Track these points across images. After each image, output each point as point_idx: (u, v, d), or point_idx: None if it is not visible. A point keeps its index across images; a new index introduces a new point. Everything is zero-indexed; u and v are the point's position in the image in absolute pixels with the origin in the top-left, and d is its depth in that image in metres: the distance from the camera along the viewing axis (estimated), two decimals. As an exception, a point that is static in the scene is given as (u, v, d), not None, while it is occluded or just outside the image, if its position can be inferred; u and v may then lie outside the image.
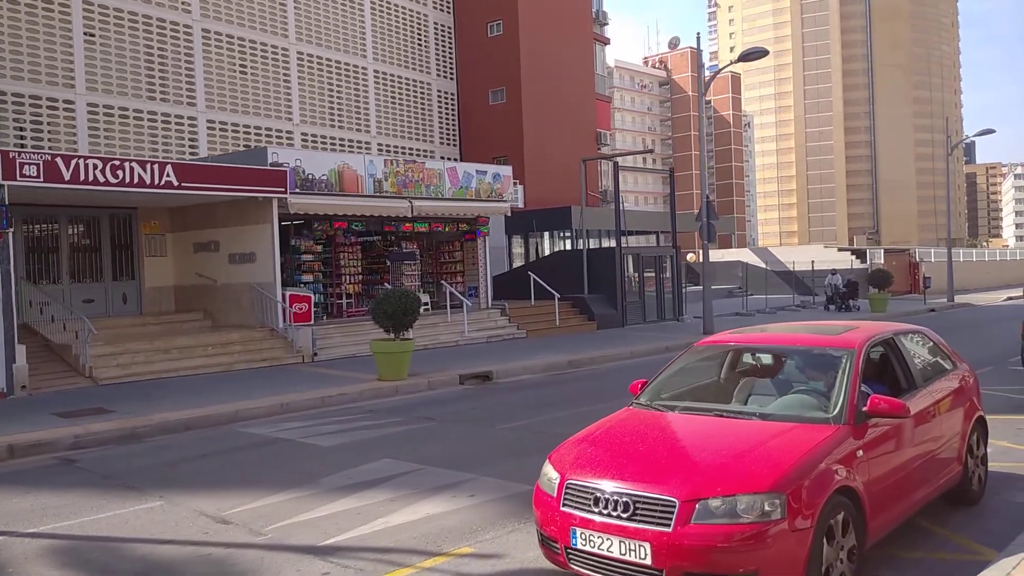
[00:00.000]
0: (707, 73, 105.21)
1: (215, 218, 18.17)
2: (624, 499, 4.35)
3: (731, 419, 5.06)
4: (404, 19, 31.26)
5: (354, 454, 8.84)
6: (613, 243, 37.28)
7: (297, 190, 17.38)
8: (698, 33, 22.24)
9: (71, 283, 17.74)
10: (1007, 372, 13.67)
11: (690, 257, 45.20)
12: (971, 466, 6.19)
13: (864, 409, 4.93)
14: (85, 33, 21.51)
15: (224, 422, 11.22)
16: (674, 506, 4.19)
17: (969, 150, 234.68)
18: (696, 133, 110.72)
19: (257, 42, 25.81)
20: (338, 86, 28.53)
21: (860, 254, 39.84)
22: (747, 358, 6.14)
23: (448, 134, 33.06)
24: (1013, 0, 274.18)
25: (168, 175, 15.07)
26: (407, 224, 20.60)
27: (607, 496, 4.42)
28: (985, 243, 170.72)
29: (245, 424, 11.06)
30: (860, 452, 4.73)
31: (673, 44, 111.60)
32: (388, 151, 29.89)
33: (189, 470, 8.54)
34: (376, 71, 29.90)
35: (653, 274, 26.51)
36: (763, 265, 39.55)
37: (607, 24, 38.76)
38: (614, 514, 4.36)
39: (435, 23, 32.57)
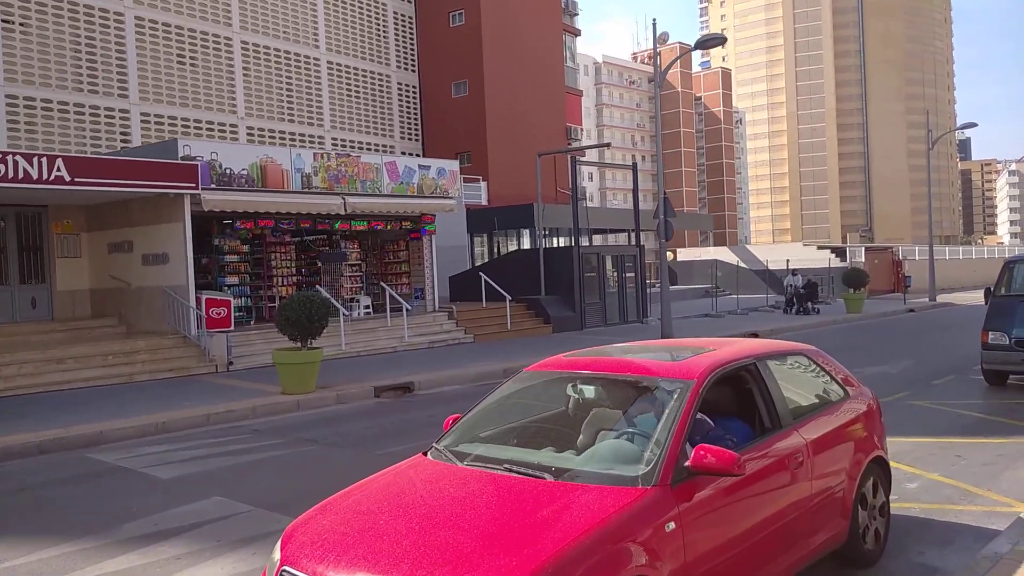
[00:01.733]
0: (698, 69, 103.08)
1: (130, 217, 16.95)
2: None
3: (518, 478, 3.86)
4: (360, 8, 30.03)
5: (187, 489, 7.64)
6: (584, 242, 36.15)
7: (213, 186, 16.16)
8: (654, 19, 21.00)
9: (-27, 287, 16.54)
10: (967, 382, 12.50)
11: (669, 256, 44.13)
12: (863, 520, 4.99)
13: (687, 464, 3.75)
14: (3, 21, 20.27)
15: (83, 445, 10.00)
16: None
17: (964, 146, 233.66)
18: (686, 130, 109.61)
19: (196, 31, 24.57)
20: (288, 78, 27.31)
21: (840, 252, 38.66)
22: (570, 390, 4.94)
23: (410, 129, 31.85)
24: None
25: (59, 170, 13.85)
26: (344, 222, 19.38)
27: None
28: (980, 240, 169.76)
29: (104, 448, 9.85)
30: (672, 525, 3.54)
31: (662, 40, 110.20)
32: (344, 146, 28.69)
33: (-12, 510, 7.34)
34: (330, 62, 28.67)
35: (616, 274, 25.33)
36: (742, 264, 38.37)
37: (577, 15, 37.60)
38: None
39: (395, 12, 31.34)
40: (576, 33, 37.17)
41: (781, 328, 23.22)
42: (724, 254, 41.15)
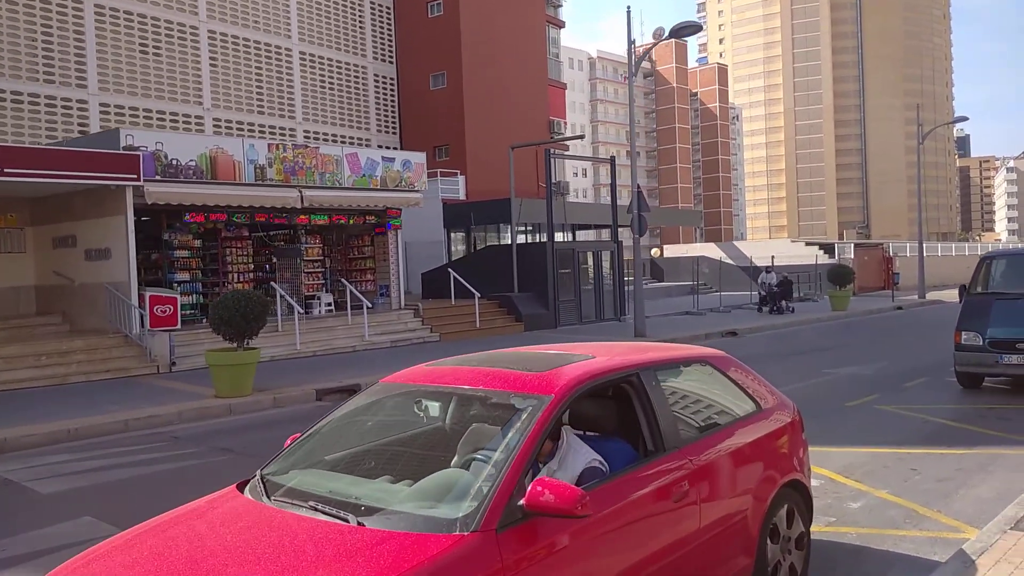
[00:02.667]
0: (694, 64, 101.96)
1: (73, 210, 16.23)
2: None
3: (314, 521, 3.13)
4: (335, -2, 29.28)
5: (61, 507, 6.92)
6: (568, 237, 35.42)
7: (158, 177, 15.42)
8: (628, 7, 20.26)
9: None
10: (940, 385, 11.79)
11: (654, 252, 43.37)
12: (773, 556, 4.27)
13: (521, 503, 3.03)
14: (-49, 7, 19.54)
15: (-17, 453, 9.29)
16: None
17: (963, 144, 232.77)
18: (681, 125, 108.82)
19: (161, 19, 23.81)
20: (258, 68, 26.55)
21: (829, 248, 37.93)
22: (416, 407, 4.22)
23: (387, 121, 31.10)
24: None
25: (-13, 160, 13.12)
26: (303, 216, 18.65)
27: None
28: (978, 237, 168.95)
29: (3, 457, 9.14)
30: (489, 587, 2.82)
31: (657, 35, 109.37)
32: (317, 139, 27.94)
33: None
34: (303, 53, 27.91)
35: (593, 270, 24.62)
36: (728, 260, 37.63)
37: (561, 6, 36.81)
38: None
39: (372, 2, 30.57)
40: (560, 25, 36.40)
41: (760, 327, 22.51)
42: (711, 250, 40.42)
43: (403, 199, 19.67)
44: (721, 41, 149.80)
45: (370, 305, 18.62)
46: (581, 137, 27.15)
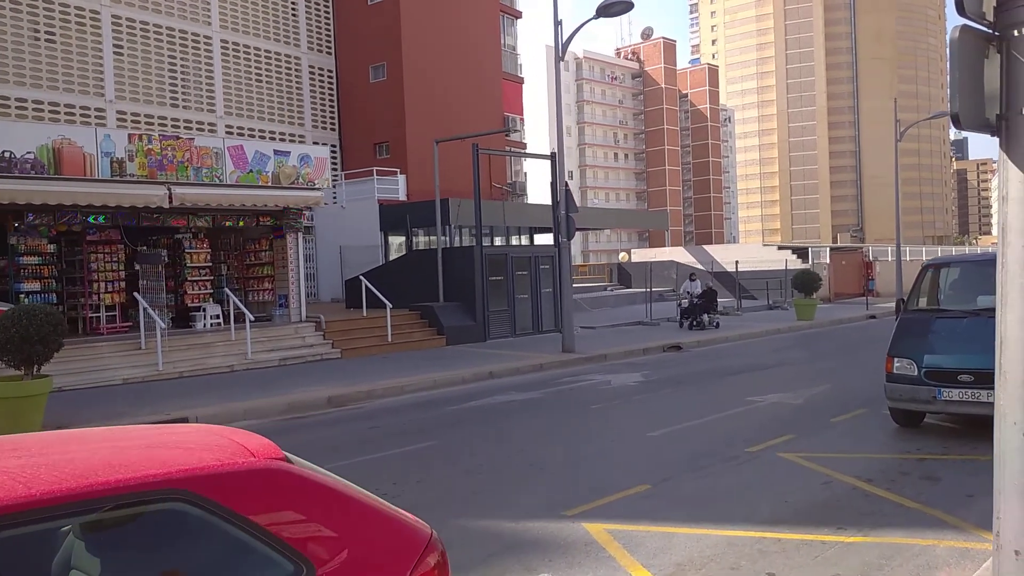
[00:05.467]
0: (686, 65, 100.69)
1: None
2: None
3: None
4: (263, -17, 27.19)
5: None
6: (525, 241, 33.28)
7: (-16, 172, 13.32)
8: (553, -18, 18.11)
9: None
10: (873, 421, 9.62)
11: (622, 256, 41.28)
12: None
13: None
14: None
15: None
16: None
17: (961, 146, 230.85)
18: (670, 127, 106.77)
19: (55, 3, 21.70)
20: (171, 58, 24.43)
21: (803, 252, 35.80)
22: None
23: (324, 117, 28.99)
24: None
25: None
26: (179, 217, 16.51)
27: None
28: (974, 240, 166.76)
29: None
30: None
31: (646, 34, 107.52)
32: (243, 135, 25.81)
33: None
34: (225, 41, 25.79)
35: (530, 278, 22.46)
36: (699, 265, 35.49)
37: (517, -6, 34.69)
38: None
39: (306, -11, 28.52)
40: (516, 15, 34.29)
41: (711, 339, 20.36)
42: (680, 255, 38.31)
43: (300, 198, 17.52)
44: (714, 42, 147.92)
45: (253, 317, 16.45)
46: (507, 131, 24.97)
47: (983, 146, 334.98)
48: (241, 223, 17.59)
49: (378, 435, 10.25)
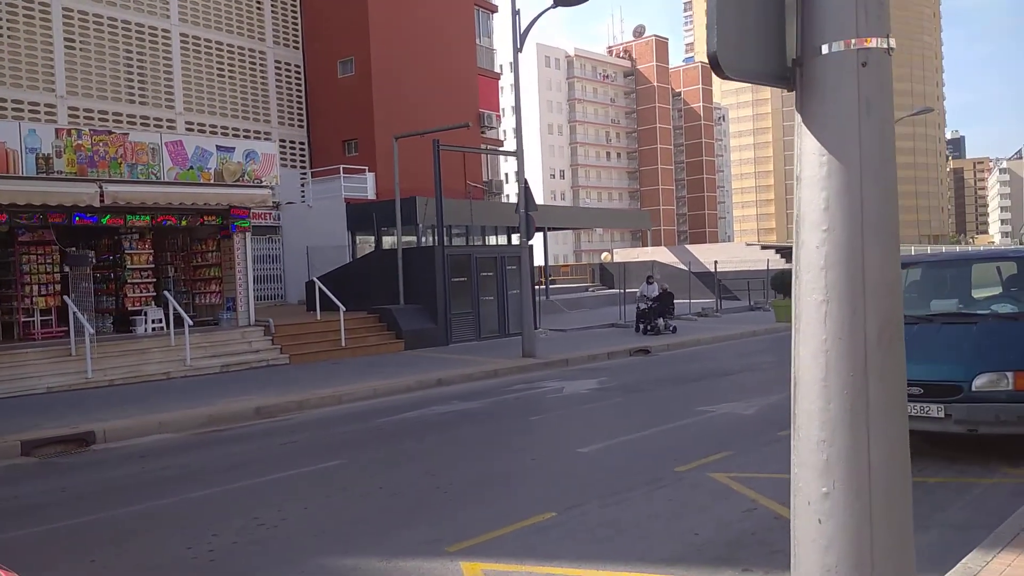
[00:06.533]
0: (679, 63, 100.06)
1: None
2: None
3: None
4: (226, -25, 26.40)
5: None
6: (503, 241, 32.52)
7: None
8: (511, -30, 17.35)
9: None
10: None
11: (605, 256, 40.50)
12: None
13: None
14: None
15: None
16: None
17: (958, 145, 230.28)
18: (662, 126, 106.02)
19: (0, -6, 20.91)
20: (127, 51, 23.63)
21: (786, 252, 35.02)
22: None
23: (291, 113, 28.22)
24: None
25: None
26: (115, 217, 15.71)
27: None
28: (971, 239, 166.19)
29: None
30: None
31: (638, 32, 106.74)
32: (204, 132, 25.03)
33: None
34: (185, 35, 25.00)
35: (496, 279, 21.71)
36: (681, 265, 34.73)
37: (493, -13, 33.89)
38: None
39: (272, -18, 27.72)
40: (492, 10, 33.49)
41: (681, 343, 19.61)
42: (662, 255, 37.51)
43: (245, 196, 16.74)
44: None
45: (192, 322, 15.68)
46: (467, 125, 24.20)
47: (980, 144, 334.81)
48: (184, 222, 16.80)
49: (291, 452, 9.49)
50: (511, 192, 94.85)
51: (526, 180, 17.14)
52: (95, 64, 22.83)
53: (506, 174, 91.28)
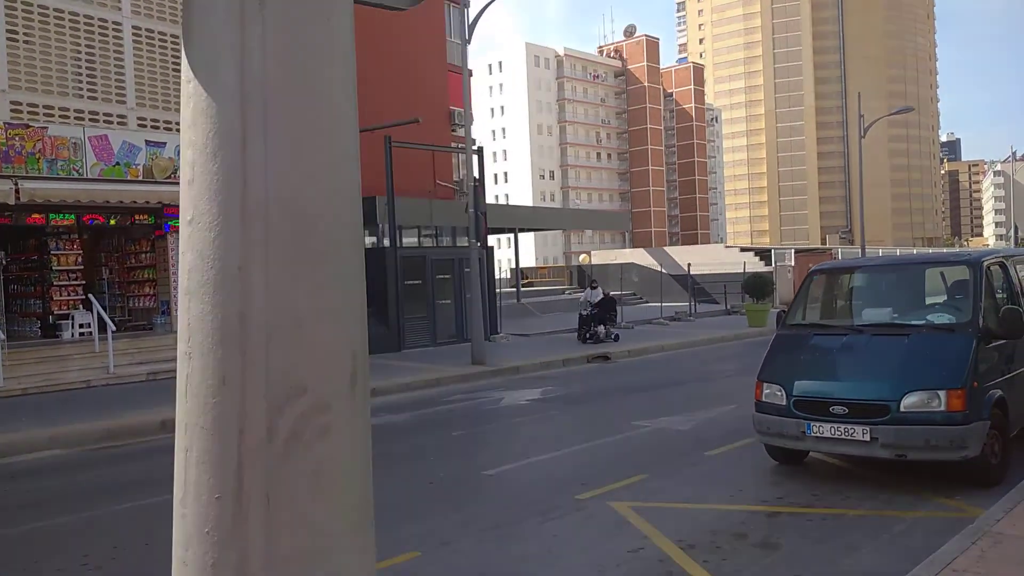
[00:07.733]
0: (671, 64, 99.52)
1: None
2: None
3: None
4: (183, -32, 25.48)
5: None
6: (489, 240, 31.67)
7: None
8: (459, -42, 16.57)
9: None
10: (753, 455, 8.03)
11: (583, 258, 39.72)
12: None
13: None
14: None
15: None
16: None
17: (954, 148, 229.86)
18: (653, 126, 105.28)
19: (-64, -17, 19.98)
20: (75, 44, 22.68)
21: (765, 255, 34.25)
22: None
23: (252, 110, 27.29)
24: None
25: None
26: (36, 215, 14.86)
27: None
28: (966, 242, 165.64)
29: None
30: None
31: (628, 32, 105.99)
32: (158, 127, 24.10)
33: None
34: (137, 28, 24.06)
35: (454, 282, 20.90)
36: (658, 268, 33.93)
37: (463, -18, 32.96)
38: None
39: (231, -25, 26.79)
40: (463, 4, 32.56)
41: (643, 348, 18.80)
42: (640, 257, 36.70)
43: (177, 194, 15.84)
44: (701, 41, 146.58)
45: (115, 327, 14.83)
46: (417, 121, 23.34)
47: (975, 147, 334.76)
48: (113, 221, 15.95)
49: (164, 476, 8.63)
50: (500, 193, 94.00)
51: (476, 179, 16.36)
52: (40, 57, 21.92)
53: (494, 175, 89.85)
